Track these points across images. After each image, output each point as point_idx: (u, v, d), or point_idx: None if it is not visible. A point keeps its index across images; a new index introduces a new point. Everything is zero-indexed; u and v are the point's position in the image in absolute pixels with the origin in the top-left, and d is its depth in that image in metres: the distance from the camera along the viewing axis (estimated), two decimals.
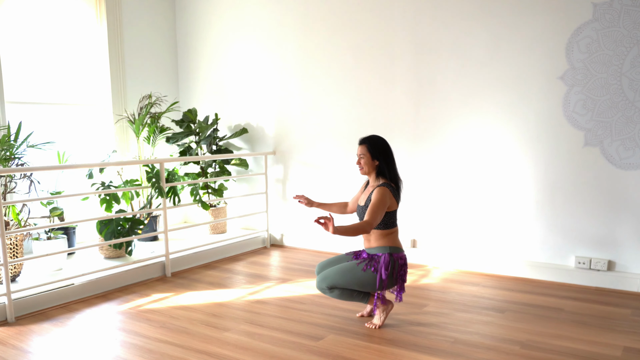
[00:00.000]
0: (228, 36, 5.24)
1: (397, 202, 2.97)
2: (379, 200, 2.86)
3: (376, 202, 2.85)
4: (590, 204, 3.71)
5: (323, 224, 2.68)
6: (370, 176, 3.05)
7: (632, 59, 3.48)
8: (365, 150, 2.99)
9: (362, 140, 3.03)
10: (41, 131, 4.36)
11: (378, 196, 2.87)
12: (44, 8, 4.46)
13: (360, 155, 3.01)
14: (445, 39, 4.12)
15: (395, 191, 2.97)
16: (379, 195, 2.87)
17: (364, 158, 2.99)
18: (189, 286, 3.87)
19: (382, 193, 2.88)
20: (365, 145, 3.00)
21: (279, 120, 5.05)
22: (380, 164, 2.98)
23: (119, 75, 4.99)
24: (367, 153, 2.98)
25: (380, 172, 2.99)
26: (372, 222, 2.81)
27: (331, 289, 2.95)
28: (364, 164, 3.00)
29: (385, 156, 2.99)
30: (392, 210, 2.95)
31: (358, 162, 3.02)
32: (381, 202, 2.85)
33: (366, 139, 3.03)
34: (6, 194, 3.61)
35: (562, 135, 3.76)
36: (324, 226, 2.68)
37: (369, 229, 2.79)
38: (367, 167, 3.00)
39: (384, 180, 2.97)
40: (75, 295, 3.58)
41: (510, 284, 3.81)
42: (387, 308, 3.02)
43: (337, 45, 4.62)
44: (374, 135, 3.05)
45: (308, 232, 5.01)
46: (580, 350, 2.66)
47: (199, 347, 2.76)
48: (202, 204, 4.71)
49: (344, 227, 2.73)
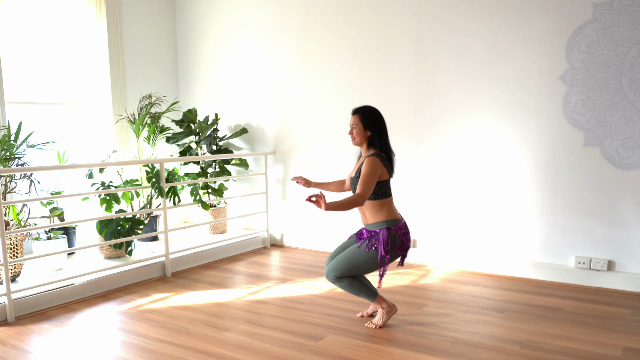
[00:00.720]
0: (228, 36, 5.25)
1: (389, 172, 2.93)
2: (369, 170, 2.82)
3: (366, 172, 2.81)
4: (590, 204, 3.71)
5: (315, 201, 2.65)
6: (362, 147, 3.00)
7: (632, 59, 3.48)
8: (358, 120, 2.94)
9: (355, 110, 2.98)
10: (41, 131, 4.36)
11: (368, 167, 2.83)
12: (44, 8, 4.46)
13: (353, 125, 2.95)
14: (445, 39, 4.12)
15: (385, 161, 2.93)
16: (369, 166, 2.83)
17: (356, 128, 2.94)
18: (189, 286, 3.87)
19: (372, 163, 2.84)
20: (358, 116, 2.95)
21: (279, 120, 5.05)
22: (372, 134, 2.94)
23: (119, 75, 4.99)
24: (359, 123, 2.94)
25: (371, 142, 2.95)
26: (364, 193, 2.77)
27: (340, 278, 2.93)
28: (356, 134, 2.95)
29: (378, 127, 2.94)
30: (384, 180, 2.91)
31: (350, 133, 2.97)
32: (371, 173, 2.82)
33: (359, 109, 2.98)
34: (6, 194, 3.61)
35: (562, 135, 3.76)
36: (316, 204, 2.65)
37: (361, 201, 2.76)
38: (359, 138, 2.95)
39: (374, 151, 2.93)
40: (75, 295, 3.58)
41: (510, 284, 3.81)
42: (391, 311, 3.01)
43: (337, 45, 4.62)
44: (367, 105, 2.99)
45: (308, 232, 5.02)
46: (580, 350, 2.66)
47: (199, 347, 2.76)
48: (202, 204, 4.71)
49: (336, 202, 2.69)
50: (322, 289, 3.73)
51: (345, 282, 2.94)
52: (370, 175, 2.81)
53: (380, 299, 3.01)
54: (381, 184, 2.89)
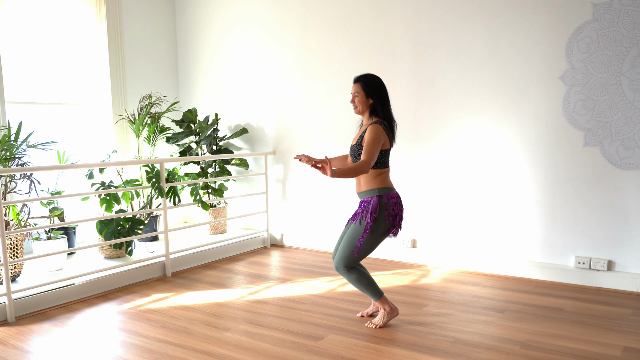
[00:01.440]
0: (228, 36, 5.25)
1: (390, 141, 2.92)
2: (373, 138, 2.80)
3: (371, 140, 2.79)
4: (590, 204, 3.71)
5: (320, 168, 2.64)
6: (363, 115, 2.98)
7: (632, 59, 3.48)
8: (360, 88, 2.92)
9: (357, 79, 2.94)
10: (41, 131, 4.36)
11: (372, 134, 2.81)
12: (44, 8, 4.46)
13: (355, 93, 2.92)
14: (445, 39, 4.12)
15: (387, 129, 2.91)
16: (373, 134, 2.81)
17: (358, 96, 2.92)
18: (189, 286, 3.87)
19: (375, 131, 2.82)
20: (360, 84, 2.92)
21: (279, 120, 5.05)
22: (374, 102, 2.92)
23: (119, 75, 4.99)
24: (361, 91, 2.91)
25: (373, 111, 2.93)
26: (369, 160, 2.75)
27: (350, 270, 2.92)
28: (358, 102, 2.93)
29: (380, 95, 2.92)
30: (385, 150, 2.89)
31: (352, 101, 2.94)
32: (375, 140, 2.80)
33: (361, 77, 2.94)
34: (6, 194, 3.61)
35: (562, 135, 3.76)
36: (322, 170, 2.63)
37: (367, 168, 2.74)
38: (361, 106, 2.93)
39: (377, 119, 2.92)
40: (75, 295, 3.58)
41: (510, 284, 3.81)
42: (392, 313, 3.01)
43: (337, 45, 4.62)
44: (369, 73, 2.97)
45: (308, 232, 5.01)
46: (580, 350, 2.66)
47: (199, 347, 2.76)
48: (202, 204, 4.71)
49: (342, 169, 2.68)
50: (322, 289, 3.74)
51: (354, 276, 2.93)
52: (374, 142, 2.79)
53: (384, 300, 3.00)
54: (381, 152, 2.88)
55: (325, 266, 4.35)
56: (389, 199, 2.88)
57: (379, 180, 2.90)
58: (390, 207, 2.88)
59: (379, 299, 2.99)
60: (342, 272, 2.95)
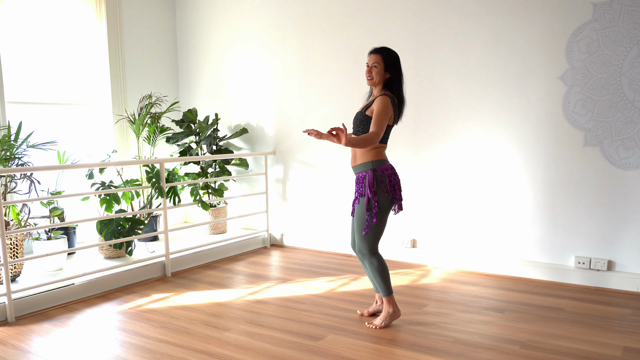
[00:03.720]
0: (228, 36, 5.25)
1: (395, 118, 2.89)
2: (382, 109, 2.78)
3: (380, 111, 2.77)
4: (590, 204, 3.71)
5: (335, 135, 2.64)
6: (376, 88, 2.92)
7: (632, 59, 3.48)
8: (380, 59, 2.84)
9: (377, 50, 2.87)
10: (41, 131, 4.36)
11: (381, 106, 2.78)
12: (44, 8, 4.46)
13: (374, 64, 2.85)
14: (445, 39, 4.12)
15: (395, 105, 2.87)
16: (382, 105, 2.78)
17: (377, 67, 2.84)
18: (189, 286, 3.87)
19: (384, 102, 2.79)
20: (381, 55, 2.85)
21: (279, 120, 5.05)
22: (391, 77, 2.88)
23: (119, 75, 4.99)
24: (381, 62, 2.84)
25: (387, 85, 2.89)
26: (379, 131, 2.74)
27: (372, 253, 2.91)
28: (376, 73, 2.85)
29: (397, 71, 2.88)
30: (388, 125, 2.87)
31: (369, 72, 2.87)
32: (385, 111, 2.78)
33: (382, 48, 2.87)
34: (6, 194, 3.61)
35: (562, 135, 3.76)
36: (337, 138, 2.64)
37: (376, 139, 2.74)
38: (378, 78, 2.86)
39: (387, 92, 2.87)
40: (75, 295, 3.58)
41: (510, 284, 3.81)
42: (394, 316, 3.00)
43: (337, 45, 4.62)
44: (389, 47, 2.91)
45: (308, 232, 5.01)
46: (580, 350, 2.66)
47: (199, 347, 2.76)
48: (202, 204, 4.71)
49: (355, 138, 2.68)
50: (322, 289, 3.74)
51: (376, 264, 2.92)
52: (383, 113, 2.77)
53: (392, 300, 2.99)
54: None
55: (325, 266, 4.35)
56: (383, 172, 2.86)
57: (373, 153, 2.88)
58: (386, 179, 2.86)
59: (388, 296, 2.97)
60: (367, 257, 2.92)
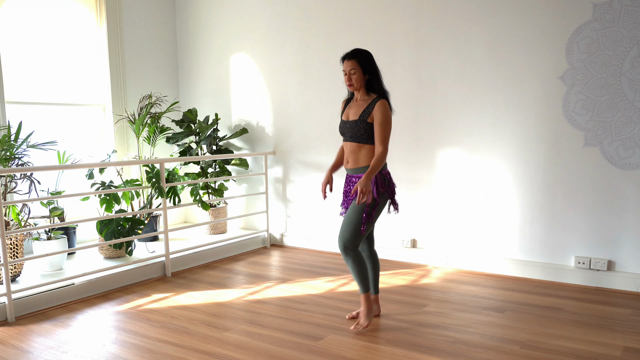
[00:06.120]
0: (228, 36, 5.25)
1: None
2: (386, 120, 2.78)
3: (383, 122, 2.77)
4: (591, 204, 3.71)
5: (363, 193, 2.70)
6: (359, 92, 2.90)
7: (632, 59, 3.48)
8: (357, 64, 2.82)
9: (351, 55, 2.84)
10: (41, 131, 4.36)
11: (383, 115, 2.78)
12: (44, 8, 4.46)
13: (352, 71, 2.82)
14: (445, 39, 4.12)
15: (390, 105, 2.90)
16: (384, 115, 2.78)
17: (355, 74, 2.82)
18: (189, 286, 3.87)
19: (386, 111, 2.80)
20: (356, 60, 2.82)
21: (279, 120, 5.05)
22: (370, 78, 2.86)
23: (119, 75, 4.99)
24: (358, 68, 2.82)
25: (370, 87, 2.88)
26: (387, 144, 2.79)
27: (355, 248, 2.86)
28: (355, 80, 2.83)
29: (374, 70, 2.87)
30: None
31: (348, 79, 2.84)
32: (388, 122, 2.79)
33: (355, 53, 2.84)
34: (6, 194, 3.61)
35: (562, 135, 3.76)
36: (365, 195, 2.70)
37: (386, 153, 2.78)
38: (359, 83, 2.84)
39: (376, 95, 2.86)
40: (75, 295, 3.58)
41: (510, 284, 3.81)
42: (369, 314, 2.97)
43: (338, 45, 4.62)
44: (360, 48, 2.89)
45: (308, 232, 5.02)
46: (580, 350, 2.66)
47: (199, 347, 2.76)
48: (202, 204, 4.71)
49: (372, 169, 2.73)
50: (322, 289, 3.74)
51: (357, 260, 2.87)
52: (387, 124, 2.79)
53: (368, 297, 2.95)
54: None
55: (325, 266, 4.35)
56: (386, 175, 2.90)
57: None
58: (387, 184, 2.89)
59: (364, 293, 2.94)
60: (350, 251, 2.85)
